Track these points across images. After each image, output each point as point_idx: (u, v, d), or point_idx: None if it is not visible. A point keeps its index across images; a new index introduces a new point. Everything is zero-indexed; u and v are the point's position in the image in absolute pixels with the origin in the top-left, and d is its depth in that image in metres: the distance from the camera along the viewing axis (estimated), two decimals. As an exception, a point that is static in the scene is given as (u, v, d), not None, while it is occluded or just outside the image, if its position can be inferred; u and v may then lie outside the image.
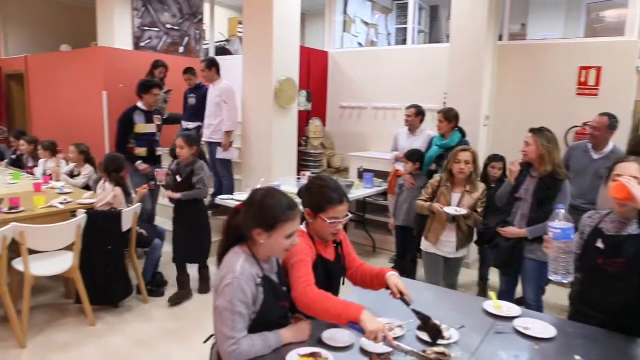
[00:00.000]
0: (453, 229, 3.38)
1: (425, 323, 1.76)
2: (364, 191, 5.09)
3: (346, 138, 6.60)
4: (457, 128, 4.35)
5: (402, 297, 1.85)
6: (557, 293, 3.97)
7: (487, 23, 4.73)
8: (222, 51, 8.16)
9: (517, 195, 3.13)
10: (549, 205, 2.97)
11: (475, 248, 4.27)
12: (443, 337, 1.73)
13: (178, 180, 3.88)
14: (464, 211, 3.24)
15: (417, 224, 3.74)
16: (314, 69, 6.48)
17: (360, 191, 5.03)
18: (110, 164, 3.90)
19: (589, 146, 3.89)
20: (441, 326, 1.79)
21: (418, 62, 5.96)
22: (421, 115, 4.73)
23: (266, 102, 4.88)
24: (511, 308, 2.07)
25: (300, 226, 1.77)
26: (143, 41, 7.07)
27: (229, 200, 4.37)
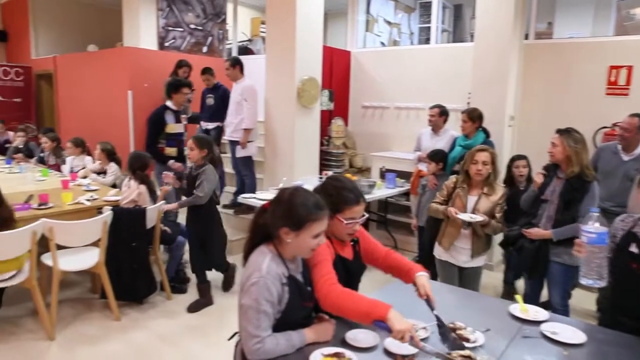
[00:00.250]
0: (468, 235, 3.13)
1: (442, 333, 1.72)
2: (386, 191, 5.06)
3: (368, 138, 6.58)
4: (481, 128, 4.30)
5: (427, 300, 1.83)
6: (584, 297, 3.88)
7: (513, 22, 4.66)
8: (245, 51, 8.22)
9: (543, 197, 3.08)
10: (576, 207, 2.92)
11: (498, 250, 4.21)
12: (462, 348, 1.67)
13: (184, 184, 3.83)
14: (480, 218, 2.99)
15: (430, 228, 3.61)
16: (337, 69, 6.48)
17: (382, 191, 5.00)
18: (135, 162, 3.95)
19: (619, 147, 3.80)
20: (464, 330, 1.77)
21: (441, 62, 5.90)
22: (445, 115, 4.69)
23: (289, 102, 4.89)
24: (538, 312, 2.03)
25: None
26: (167, 41, 7.17)
27: (251, 199, 4.40)
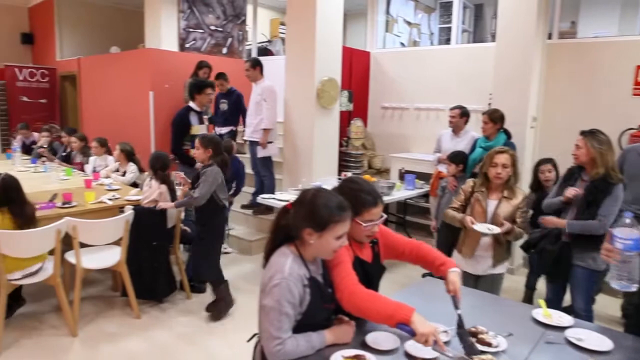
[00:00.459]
0: (489, 242, 2.96)
1: (460, 335, 1.70)
2: (405, 193, 5.03)
3: (387, 139, 6.55)
4: (503, 129, 4.25)
5: (454, 297, 1.80)
6: (608, 303, 3.80)
7: (536, 21, 4.58)
8: (264, 52, 8.26)
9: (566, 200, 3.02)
10: (596, 208, 2.86)
11: (519, 253, 4.14)
12: (477, 353, 1.63)
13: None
14: (497, 229, 2.81)
15: (444, 234, 3.47)
16: (356, 69, 6.46)
17: (401, 192, 4.98)
18: (156, 162, 3.99)
19: (646, 149, 3.70)
20: (485, 334, 1.74)
21: (462, 62, 5.84)
22: (466, 116, 4.64)
23: (308, 102, 4.90)
24: (562, 317, 1.98)
25: None
26: (188, 42, 7.25)
27: (270, 199, 4.41)
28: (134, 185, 4.76)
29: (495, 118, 4.20)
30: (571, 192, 2.95)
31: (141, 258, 3.70)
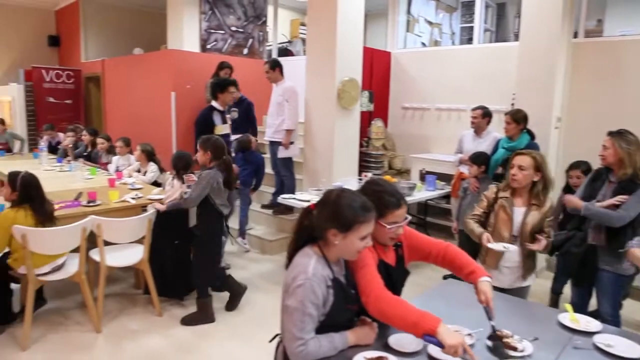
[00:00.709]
0: (517, 253, 2.72)
1: (495, 348, 1.67)
2: (426, 194, 4.99)
3: (408, 139, 6.51)
4: (526, 130, 4.17)
5: (487, 308, 1.76)
6: (636, 308, 3.70)
7: (561, 20, 4.49)
8: (284, 52, 8.29)
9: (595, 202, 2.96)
10: (620, 207, 2.80)
11: (542, 255, 4.06)
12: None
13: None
14: (513, 248, 2.61)
15: (466, 242, 3.26)
16: (377, 70, 6.44)
17: (422, 193, 4.94)
18: (178, 162, 4.03)
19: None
20: (510, 338, 1.72)
21: (484, 62, 5.77)
22: (488, 116, 4.57)
23: (329, 103, 4.89)
24: (590, 322, 1.94)
25: None
26: (209, 43, 7.32)
27: (290, 199, 4.42)
28: (157, 184, 4.82)
29: (518, 118, 4.12)
30: (613, 202, 2.85)
31: (163, 257, 3.75)
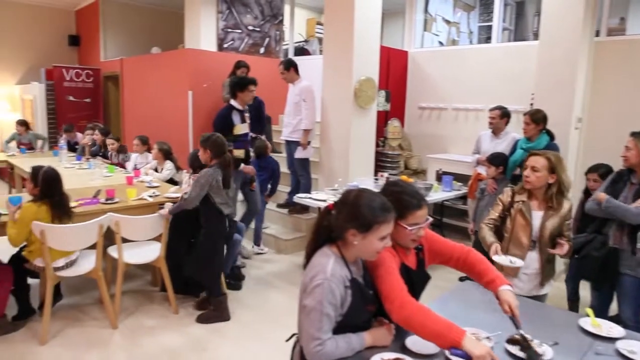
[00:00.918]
0: (536, 259, 2.62)
1: (529, 357, 1.64)
2: (443, 194, 4.94)
3: (424, 139, 6.46)
4: (545, 130, 4.10)
5: (512, 318, 1.73)
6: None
7: (583, 18, 4.40)
8: (301, 51, 8.29)
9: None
10: None
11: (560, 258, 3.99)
12: None
13: None
14: (520, 262, 2.48)
15: (481, 247, 3.23)
16: (393, 69, 6.41)
17: (438, 194, 4.89)
18: (195, 160, 4.05)
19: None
20: (530, 342, 1.69)
21: (503, 61, 5.70)
22: (506, 117, 4.51)
23: (345, 102, 4.88)
24: (612, 328, 1.90)
25: None
26: (226, 42, 7.35)
27: (306, 199, 4.42)
28: (174, 183, 4.86)
29: (537, 119, 4.05)
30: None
31: (179, 254, 3.77)
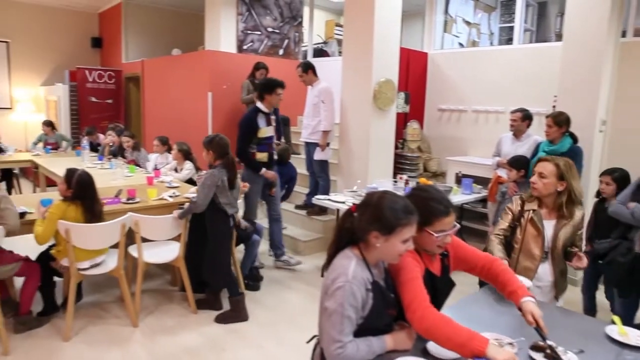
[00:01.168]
0: (549, 271, 2.50)
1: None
2: (463, 197, 4.88)
3: (444, 141, 6.41)
4: (568, 133, 4.03)
5: (537, 328, 1.70)
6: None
7: (609, 19, 4.31)
8: (320, 53, 8.30)
9: None
10: None
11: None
12: None
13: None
14: (529, 282, 2.29)
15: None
16: (413, 71, 6.37)
17: (458, 197, 4.83)
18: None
19: None
20: (554, 349, 1.65)
21: (525, 63, 5.62)
22: (528, 119, 4.44)
23: (365, 104, 4.86)
24: (641, 336, 1.85)
25: None
26: (246, 44, 7.40)
27: (325, 200, 4.42)
28: (193, 183, 4.90)
29: (560, 121, 3.98)
30: None
31: (199, 255, 3.80)
